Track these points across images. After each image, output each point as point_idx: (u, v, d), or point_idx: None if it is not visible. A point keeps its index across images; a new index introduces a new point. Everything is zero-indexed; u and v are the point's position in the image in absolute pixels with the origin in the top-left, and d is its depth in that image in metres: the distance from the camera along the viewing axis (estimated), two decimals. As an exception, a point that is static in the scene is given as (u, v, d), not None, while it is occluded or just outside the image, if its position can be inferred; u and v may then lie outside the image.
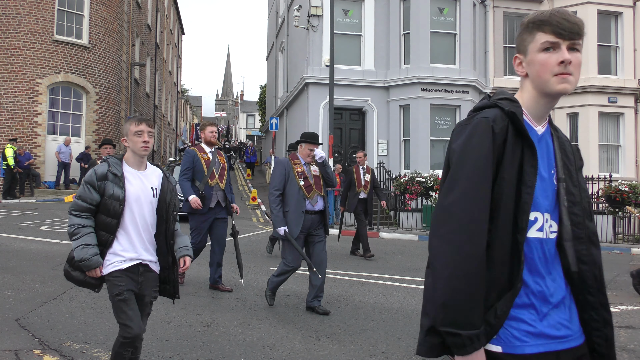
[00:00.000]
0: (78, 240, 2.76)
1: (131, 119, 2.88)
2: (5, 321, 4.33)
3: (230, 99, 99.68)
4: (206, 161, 5.76)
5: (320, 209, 5.11)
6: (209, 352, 3.81)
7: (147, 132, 2.84)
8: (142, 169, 2.93)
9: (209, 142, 5.85)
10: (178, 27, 42.02)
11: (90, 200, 2.78)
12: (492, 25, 17.87)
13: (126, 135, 2.87)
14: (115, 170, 2.80)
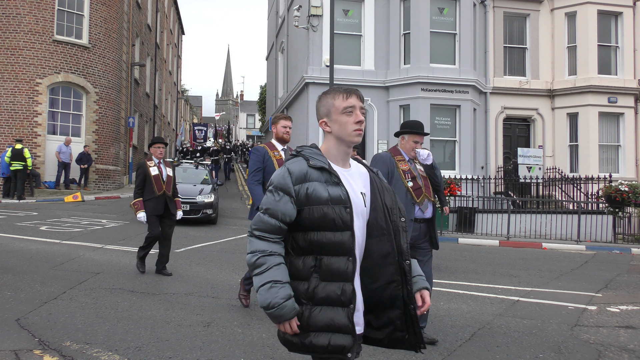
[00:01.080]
0: (263, 275, 1.86)
1: (335, 91, 2.02)
2: (5, 321, 4.33)
3: (230, 99, 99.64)
4: (278, 160, 4.89)
5: (429, 217, 4.24)
6: (209, 352, 3.80)
7: (360, 108, 1.98)
8: (347, 167, 2.04)
9: (280, 138, 5.03)
10: (178, 27, 42.02)
11: (283, 215, 1.89)
12: (492, 25, 17.87)
13: (326, 114, 2.01)
14: (319, 162, 1.93)
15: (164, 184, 6.52)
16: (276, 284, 1.83)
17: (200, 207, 11.86)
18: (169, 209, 6.55)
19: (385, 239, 1.92)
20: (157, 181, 6.47)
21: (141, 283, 5.99)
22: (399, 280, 1.90)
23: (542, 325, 4.87)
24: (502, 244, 11.71)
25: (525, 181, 15.90)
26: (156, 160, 6.58)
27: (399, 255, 1.92)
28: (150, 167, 6.52)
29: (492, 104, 17.69)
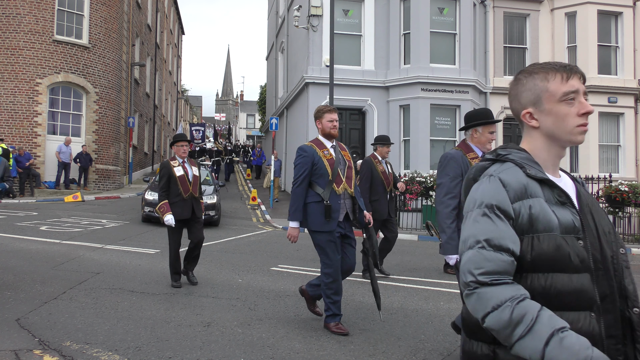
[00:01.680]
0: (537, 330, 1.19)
1: (547, 68, 1.45)
2: (5, 321, 4.33)
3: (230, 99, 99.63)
4: (329, 160, 4.29)
5: None
6: (209, 352, 3.81)
7: (583, 94, 1.45)
8: (558, 176, 1.50)
9: (328, 134, 4.37)
10: (178, 27, 42.02)
11: (513, 244, 1.31)
12: (492, 25, 17.87)
13: (534, 102, 1.44)
14: (539, 173, 1.40)
15: (190, 185, 5.99)
16: (563, 331, 1.19)
17: (207, 209, 11.49)
18: (195, 212, 6.03)
19: (601, 276, 1.36)
20: (182, 182, 5.95)
21: (141, 283, 5.99)
22: (618, 336, 1.33)
23: (542, 325, 4.86)
24: (502, 244, 11.69)
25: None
26: (180, 160, 6.09)
27: (622, 300, 1.36)
28: (175, 167, 5.98)
29: (492, 104, 17.68)
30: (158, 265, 7.14)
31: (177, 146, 6.12)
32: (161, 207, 5.85)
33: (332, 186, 4.28)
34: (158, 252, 8.18)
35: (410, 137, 16.06)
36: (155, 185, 11.80)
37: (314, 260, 8.05)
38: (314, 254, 8.69)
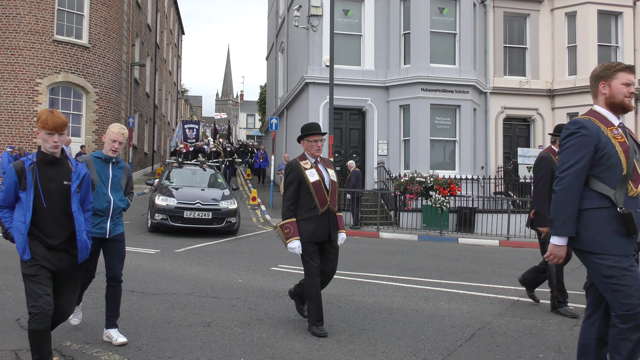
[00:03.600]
0: None
1: None
2: (5, 321, 4.33)
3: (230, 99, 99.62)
4: (622, 145, 2.79)
5: None
6: (209, 352, 3.81)
7: None
8: None
9: (618, 104, 2.89)
10: (178, 27, 42.02)
11: None
12: (492, 25, 17.87)
13: None
14: None
15: (328, 195, 4.37)
16: None
17: (224, 214, 10.35)
18: (331, 234, 4.39)
19: None
20: (318, 191, 4.32)
21: (141, 283, 5.99)
22: None
23: (542, 325, 4.87)
24: (502, 244, 11.71)
25: (525, 181, 15.89)
26: (312, 160, 4.46)
27: None
28: (307, 169, 4.38)
29: (492, 104, 17.69)
30: (158, 265, 7.14)
31: (309, 141, 4.45)
32: (286, 227, 4.31)
33: (627, 185, 2.76)
34: (158, 252, 8.18)
35: (410, 137, 16.06)
36: (165, 188, 10.81)
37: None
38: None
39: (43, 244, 3.16)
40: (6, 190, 3.17)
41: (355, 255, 9.00)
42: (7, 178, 3.16)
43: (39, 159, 3.19)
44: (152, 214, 10.32)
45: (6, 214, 3.20)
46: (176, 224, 9.99)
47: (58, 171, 3.23)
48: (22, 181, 3.12)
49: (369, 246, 10.38)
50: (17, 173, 3.13)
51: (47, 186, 3.17)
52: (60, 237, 3.21)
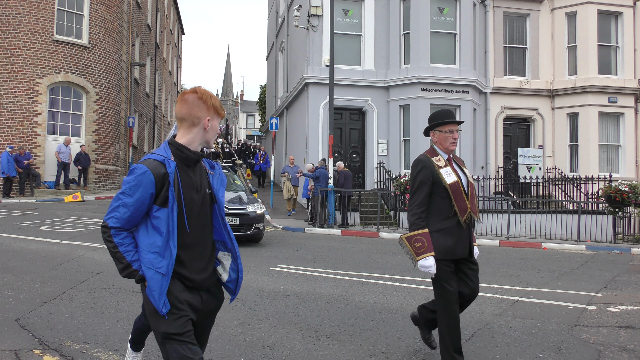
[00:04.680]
0: None
1: None
2: (5, 321, 4.33)
3: (230, 99, 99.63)
4: None
5: None
6: (209, 352, 3.80)
7: None
8: None
9: None
10: (178, 27, 42.02)
11: None
12: (492, 25, 17.87)
13: None
14: None
15: (467, 200, 3.51)
16: None
17: (252, 220, 9.29)
18: (471, 248, 3.60)
19: None
20: (457, 194, 3.44)
21: (141, 283, 5.98)
22: None
23: (542, 325, 4.87)
24: (502, 244, 11.71)
25: (525, 181, 15.90)
26: (445, 156, 3.57)
27: None
28: (441, 168, 3.49)
29: (492, 104, 17.69)
30: (158, 265, 7.13)
31: (443, 131, 3.55)
32: (417, 240, 3.39)
33: None
34: (158, 252, 8.17)
35: (410, 137, 16.05)
36: None
37: (314, 260, 8.06)
38: (313, 254, 8.70)
39: (183, 283, 2.25)
40: (135, 204, 2.16)
41: (355, 255, 8.99)
42: (138, 187, 2.15)
43: (179, 158, 2.26)
44: None
45: (126, 240, 2.22)
46: None
47: (198, 175, 2.35)
48: (162, 192, 2.18)
49: (369, 246, 10.37)
50: (157, 180, 2.16)
51: (190, 198, 2.26)
52: (205, 269, 2.32)
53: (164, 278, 2.16)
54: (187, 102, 2.29)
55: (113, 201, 2.22)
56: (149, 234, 2.22)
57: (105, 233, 2.21)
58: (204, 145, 2.37)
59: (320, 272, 7.13)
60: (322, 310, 5.10)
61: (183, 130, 2.33)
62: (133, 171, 2.18)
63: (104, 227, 2.22)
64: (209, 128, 2.32)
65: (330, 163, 13.69)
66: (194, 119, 2.28)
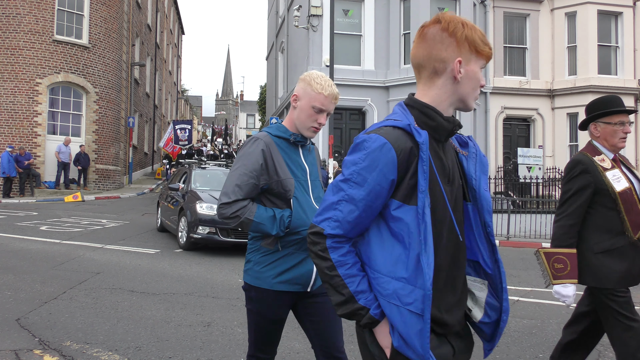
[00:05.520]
0: None
1: None
2: (5, 321, 4.33)
3: (230, 99, 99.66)
4: None
5: None
6: (209, 352, 3.80)
7: None
8: None
9: None
10: (178, 27, 42.02)
11: None
12: (492, 25, 17.87)
13: None
14: None
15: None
16: None
17: None
18: None
19: None
20: (629, 205, 2.66)
21: (141, 283, 5.99)
22: None
23: (542, 325, 4.87)
24: (502, 244, 11.71)
25: (525, 181, 15.90)
26: (610, 155, 2.80)
27: None
28: (607, 170, 2.72)
29: (492, 104, 17.69)
30: (158, 265, 7.13)
31: (611, 123, 2.78)
32: (558, 260, 2.72)
33: None
34: (158, 252, 8.18)
35: (410, 137, 16.06)
36: (195, 194, 8.76)
37: (314, 260, 8.05)
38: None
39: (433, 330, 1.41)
40: (367, 199, 1.38)
41: (355, 255, 8.99)
42: (372, 170, 1.36)
43: (427, 127, 1.43)
44: (191, 226, 8.21)
45: (349, 258, 1.42)
46: (228, 238, 8.07)
47: (450, 157, 1.51)
48: (406, 179, 1.38)
49: (369, 246, 10.36)
50: (400, 159, 1.36)
51: (447, 192, 1.45)
52: (458, 305, 1.49)
53: (421, 321, 1.33)
54: (426, 39, 1.45)
55: (328, 193, 1.44)
56: (386, 246, 1.41)
57: (318, 245, 1.42)
58: (460, 107, 1.49)
59: (320, 272, 7.12)
60: None
61: (422, 85, 1.49)
62: (362, 145, 1.39)
63: (316, 234, 1.42)
64: (461, 77, 1.42)
65: (331, 163, 13.68)
66: (437, 64, 1.43)
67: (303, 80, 2.28)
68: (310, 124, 2.26)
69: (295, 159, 2.25)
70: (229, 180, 2.14)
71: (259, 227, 2.12)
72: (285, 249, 2.18)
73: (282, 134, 2.27)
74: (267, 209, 2.16)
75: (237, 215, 2.10)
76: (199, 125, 74.67)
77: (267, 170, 2.15)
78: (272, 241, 2.16)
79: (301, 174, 2.24)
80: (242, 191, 2.12)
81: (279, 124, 2.37)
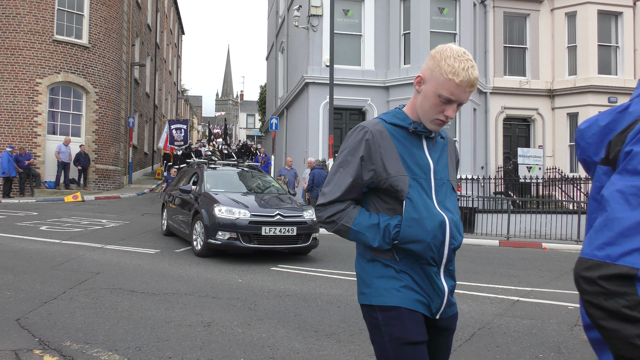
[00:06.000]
0: None
1: None
2: (5, 321, 4.33)
3: (230, 99, 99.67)
4: None
5: None
6: (209, 352, 3.80)
7: None
8: None
9: None
10: (178, 27, 42.02)
11: None
12: (492, 25, 17.87)
13: None
14: None
15: None
16: None
17: (310, 229, 8.02)
18: None
19: None
20: None
21: (141, 283, 5.99)
22: None
23: (542, 325, 4.87)
24: (502, 244, 11.71)
25: (525, 181, 15.90)
26: None
27: None
28: None
29: (492, 104, 17.69)
30: (158, 265, 7.13)
31: None
32: None
33: None
34: (158, 252, 8.18)
35: (410, 137, 16.04)
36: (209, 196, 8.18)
37: (314, 260, 8.06)
38: (313, 254, 8.70)
39: None
40: None
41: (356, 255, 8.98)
42: None
43: None
44: (209, 231, 7.67)
45: None
46: (250, 244, 7.57)
47: None
48: None
49: (369, 246, 10.34)
50: None
51: None
52: None
53: None
54: None
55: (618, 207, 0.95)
56: None
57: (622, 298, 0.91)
58: None
59: (320, 272, 7.13)
60: (322, 310, 5.10)
61: None
62: None
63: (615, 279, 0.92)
64: None
65: (331, 163, 13.67)
66: None
67: (433, 57, 1.71)
68: (434, 115, 1.72)
69: (414, 153, 1.78)
70: (328, 176, 1.85)
71: (359, 237, 1.76)
72: (403, 262, 1.76)
73: (400, 122, 1.80)
74: (371, 214, 1.77)
75: (332, 221, 1.79)
76: (199, 125, 74.65)
77: (372, 165, 1.74)
78: (385, 250, 1.76)
79: (421, 171, 1.76)
80: (340, 190, 1.77)
81: (397, 110, 1.86)
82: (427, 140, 1.81)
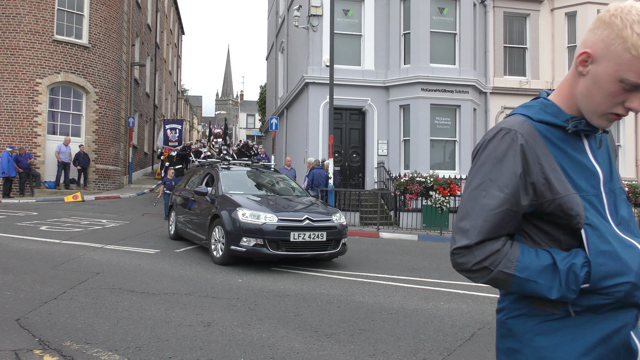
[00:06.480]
0: None
1: None
2: (5, 321, 4.33)
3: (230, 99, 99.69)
4: None
5: None
6: (209, 352, 3.81)
7: None
8: None
9: None
10: (178, 27, 42.03)
11: None
12: (492, 25, 17.87)
13: None
14: None
15: None
16: None
17: (339, 234, 7.53)
18: None
19: None
20: None
21: (141, 283, 5.99)
22: None
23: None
24: (502, 244, 11.70)
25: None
26: None
27: None
28: None
29: (492, 104, 17.69)
30: (158, 265, 7.13)
31: None
32: None
33: None
34: (158, 252, 8.18)
35: (410, 137, 16.05)
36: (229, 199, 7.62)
37: (314, 260, 8.06)
38: (314, 254, 8.68)
39: None
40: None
41: (355, 255, 8.99)
42: None
43: None
44: (232, 237, 7.11)
45: None
46: (278, 251, 7.05)
47: None
48: None
49: (369, 246, 10.37)
50: None
51: None
52: None
53: None
54: None
55: None
56: None
57: None
58: None
59: (320, 272, 7.13)
60: (322, 310, 5.10)
61: None
62: None
63: None
64: None
65: (331, 163, 13.67)
66: None
67: (609, 24, 1.18)
68: (608, 108, 1.23)
69: (577, 160, 1.29)
70: (464, 205, 1.31)
71: (527, 287, 1.24)
72: (581, 316, 1.27)
73: (552, 119, 1.30)
74: (537, 252, 1.26)
75: (484, 267, 1.26)
76: (199, 125, 74.61)
77: (532, 183, 1.26)
78: (553, 301, 1.26)
79: (588, 185, 1.28)
80: (489, 223, 1.25)
81: (543, 100, 1.36)
82: (590, 139, 1.32)
